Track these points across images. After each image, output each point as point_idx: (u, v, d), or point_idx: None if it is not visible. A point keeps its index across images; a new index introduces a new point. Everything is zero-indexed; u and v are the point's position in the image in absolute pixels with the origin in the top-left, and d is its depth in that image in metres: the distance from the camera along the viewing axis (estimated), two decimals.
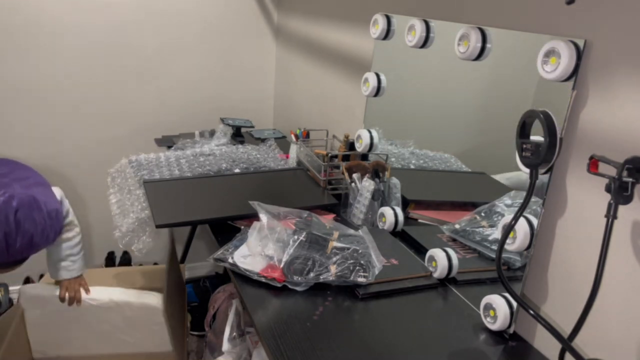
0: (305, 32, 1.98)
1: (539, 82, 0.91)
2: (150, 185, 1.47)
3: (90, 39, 2.01)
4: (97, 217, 2.24)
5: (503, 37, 0.98)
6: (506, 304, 0.95)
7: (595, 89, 0.81)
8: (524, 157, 0.85)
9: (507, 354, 0.93)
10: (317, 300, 1.04)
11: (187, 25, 2.14)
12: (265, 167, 1.70)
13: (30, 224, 1.28)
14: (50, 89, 2.01)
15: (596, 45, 0.80)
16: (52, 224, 1.36)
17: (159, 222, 1.26)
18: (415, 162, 1.35)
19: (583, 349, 0.86)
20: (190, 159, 1.71)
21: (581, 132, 0.84)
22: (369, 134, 1.36)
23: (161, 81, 2.18)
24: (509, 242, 0.92)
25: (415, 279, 1.13)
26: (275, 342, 0.91)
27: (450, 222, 1.22)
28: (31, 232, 1.28)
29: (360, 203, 1.37)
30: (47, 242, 1.37)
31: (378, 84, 1.36)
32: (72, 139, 2.11)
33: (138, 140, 2.21)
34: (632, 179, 0.71)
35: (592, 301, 0.75)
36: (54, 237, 1.40)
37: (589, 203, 0.84)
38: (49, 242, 1.38)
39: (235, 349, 1.45)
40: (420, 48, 1.18)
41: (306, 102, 2.05)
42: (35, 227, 1.29)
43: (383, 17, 1.28)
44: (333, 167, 1.55)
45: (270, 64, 2.36)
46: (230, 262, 1.13)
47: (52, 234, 1.37)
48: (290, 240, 1.12)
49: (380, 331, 0.96)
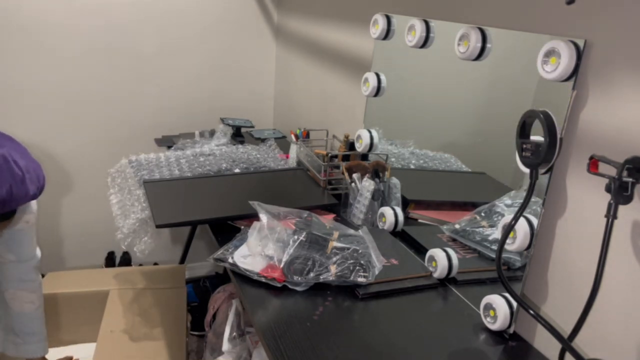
0: (305, 32, 1.98)
1: (539, 82, 0.91)
2: (150, 185, 1.47)
3: (91, 39, 2.01)
4: (97, 217, 2.24)
5: (503, 37, 0.98)
6: (506, 304, 0.95)
7: (595, 89, 0.81)
8: (524, 157, 0.85)
9: (507, 354, 0.93)
10: (317, 300, 1.04)
11: (187, 25, 2.14)
12: (265, 167, 1.70)
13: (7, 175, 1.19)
14: (50, 89, 2.01)
15: (596, 45, 0.80)
16: (32, 177, 1.26)
17: (159, 222, 1.26)
18: (415, 162, 1.35)
19: (583, 349, 0.86)
20: (190, 159, 1.71)
21: (581, 132, 0.84)
22: (369, 134, 1.36)
23: (161, 81, 2.18)
24: (509, 242, 0.92)
25: (415, 279, 1.13)
26: (275, 342, 0.91)
27: (450, 222, 1.22)
28: (9, 182, 1.19)
29: (360, 203, 1.37)
30: (27, 195, 1.25)
31: (378, 84, 1.36)
32: (72, 139, 2.11)
33: (138, 140, 2.21)
34: (632, 179, 0.71)
35: (592, 301, 0.75)
36: (34, 192, 1.28)
37: (589, 203, 0.84)
38: (29, 195, 1.26)
39: (235, 349, 1.45)
40: (420, 48, 1.18)
41: (306, 102, 2.05)
42: (13, 178, 1.20)
43: (383, 17, 1.28)
44: (333, 167, 1.55)
45: (270, 64, 2.36)
46: (230, 262, 1.13)
47: (33, 187, 1.26)
48: (290, 240, 1.12)
49: (380, 331, 0.96)
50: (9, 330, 1.46)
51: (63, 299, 1.84)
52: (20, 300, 1.45)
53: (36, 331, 1.49)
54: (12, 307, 1.44)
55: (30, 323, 1.47)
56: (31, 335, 1.47)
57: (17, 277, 1.43)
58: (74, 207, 2.21)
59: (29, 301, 1.46)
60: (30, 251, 1.44)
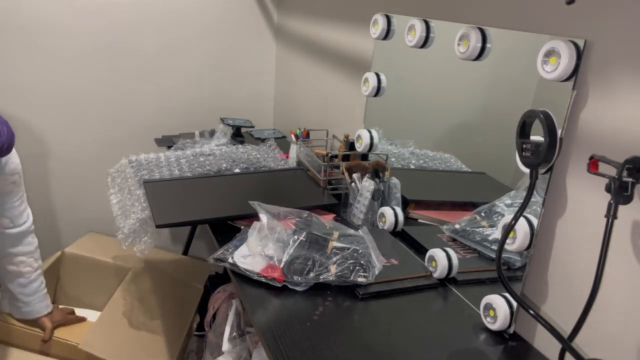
0: (305, 32, 1.98)
1: (539, 82, 0.91)
2: (150, 185, 1.47)
3: (91, 39, 2.01)
4: (97, 217, 2.24)
5: (503, 37, 0.98)
6: (506, 304, 0.95)
7: (595, 89, 0.81)
8: (524, 157, 0.85)
9: (507, 354, 0.93)
10: (317, 300, 1.04)
11: (187, 25, 2.14)
12: (265, 167, 1.70)
13: None
14: (50, 89, 2.01)
15: (596, 45, 0.80)
16: None
17: (159, 222, 1.26)
18: (415, 162, 1.35)
19: (583, 349, 0.86)
20: (190, 159, 1.71)
21: (581, 132, 0.84)
22: (369, 134, 1.36)
23: (161, 81, 2.18)
24: (509, 242, 0.92)
25: (415, 279, 1.13)
26: (275, 342, 0.91)
27: (450, 222, 1.22)
28: None
29: (360, 203, 1.37)
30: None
31: (378, 84, 1.36)
32: (72, 139, 2.11)
33: (138, 140, 2.21)
34: (632, 179, 0.71)
35: (592, 301, 0.75)
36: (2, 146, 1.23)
37: (589, 203, 0.84)
38: None
39: (235, 349, 1.45)
40: (420, 48, 1.18)
41: (306, 102, 2.05)
42: None
43: (383, 17, 1.28)
44: (333, 167, 1.55)
45: (270, 64, 2.36)
46: (230, 262, 1.13)
47: None
48: (290, 240, 1.12)
49: (380, 331, 0.96)
50: (11, 295, 1.48)
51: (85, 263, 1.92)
52: (18, 264, 1.45)
53: (37, 291, 1.51)
54: (11, 272, 1.45)
55: (30, 285, 1.48)
56: (32, 296, 1.49)
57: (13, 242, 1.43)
58: (75, 207, 2.20)
59: (27, 265, 1.47)
60: (23, 213, 1.44)
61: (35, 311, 1.51)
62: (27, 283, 1.48)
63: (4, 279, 1.47)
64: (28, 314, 1.51)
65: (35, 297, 1.50)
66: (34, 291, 1.50)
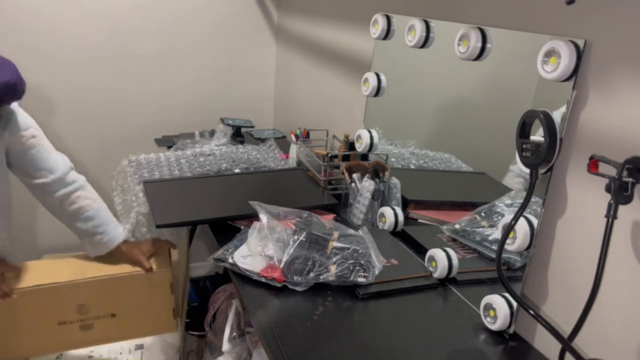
0: (305, 32, 1.98)
1: (539, 82, 0.91)
2: (150, 185, 1.47)
3: (91, 40, 2.01)
4: None
5: (503, 37, 0.98)
6: (506, 304, 0.95)
7: (595, 89, 0.81)
8: (524, 157, 0.85)
9: (507, 354, 0.93)
10: (317, 300, 1.04)
11: (187, 25, 2.14)
12: (265, 167, 1.70)
13: None
14: (51, 89, 2.01)
15: (596, 45, 0.80)
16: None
17: (159, 222, 1.26)
18: (415, 162, 1.35)
19: (583, 349, 0.86)
20: (190, 159, 1.71)
21: (581, 132, 0.84)
22: (369, 134, 1.36)
23: (161, 81, 2.18)
24: (509, 242, 0.92)
25: (415, 279, 1.13)
26: (275, 342, 0.91)
27: (450, 222, 1.22)
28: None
29: (360, 203, 1.37)
30: None
31: (378, 84, 1.36)
32: (72, 139, 2.11)
33: (138, 140, 2.21)
34: (632, 179, 0.71)
35: (592, 301, 0.75)
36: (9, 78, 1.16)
37: (589, 203, 0.84)
38: None
39: (235, 349, 1.45)
40: (420, 48, 1.18)
41: (306, 102, 2.05)
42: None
43: (383, 17, 1.28)
44: (333, 167, 1.55)
45: (270, 64, 2.36)
46: (230, 262, 1.13)
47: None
48: (290, 240, 1.12)
49: (380, 331, 0.96)
50: (87, 234, 1.42)
51: None
52: (77, 201, 1.40)
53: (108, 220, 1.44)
54: (74, 211, 1.40)
55: (98, 215, 1.42)
56: (105, 226, 1.43)
57: (61, 184, 1.38)
58: None
59: (85, 197, 1.42)
60: (57, 160, 1.40)
61: (117, 237, 1.43)
62: (94, 215, 1.41)
63: (73, 223, 1.41)
64: (110, 242, 1.42)
65: (110, 225, 1.43)
66: (105, 219, 1.43)
